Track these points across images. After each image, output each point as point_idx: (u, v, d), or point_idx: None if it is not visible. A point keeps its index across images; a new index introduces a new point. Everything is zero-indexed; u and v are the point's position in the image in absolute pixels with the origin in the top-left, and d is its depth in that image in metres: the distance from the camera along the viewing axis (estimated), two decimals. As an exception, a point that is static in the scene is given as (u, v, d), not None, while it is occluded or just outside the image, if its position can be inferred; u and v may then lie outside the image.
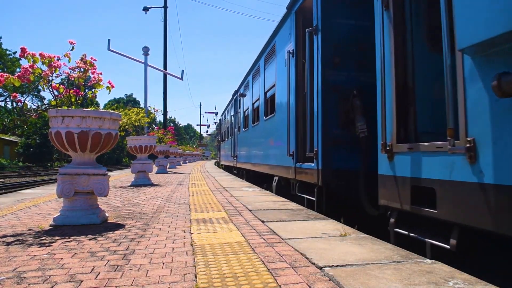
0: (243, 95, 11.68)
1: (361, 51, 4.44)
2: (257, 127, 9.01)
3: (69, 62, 3.56)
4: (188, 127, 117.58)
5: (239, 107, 12.62)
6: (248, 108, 10.69)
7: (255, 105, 9.48)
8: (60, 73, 3.54)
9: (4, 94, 45.67)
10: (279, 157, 6.36)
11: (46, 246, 2.48)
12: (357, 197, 4.16)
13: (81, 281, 1.79)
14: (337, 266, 1.99)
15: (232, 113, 14.64)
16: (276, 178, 6.79)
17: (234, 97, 14.20)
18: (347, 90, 4.35)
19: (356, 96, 4.24)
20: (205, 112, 72.89)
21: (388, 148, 3.02)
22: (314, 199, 4.63)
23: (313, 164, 4.61)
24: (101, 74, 3.71)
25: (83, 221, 3.26)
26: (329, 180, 4.40)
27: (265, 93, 7.99)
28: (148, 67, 14.32)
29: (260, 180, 9.32)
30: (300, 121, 5.39)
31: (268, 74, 7.81)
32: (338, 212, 4.08)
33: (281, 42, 6.47)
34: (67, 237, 2.75)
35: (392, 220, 3.01)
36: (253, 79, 9.89)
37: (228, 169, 18.05)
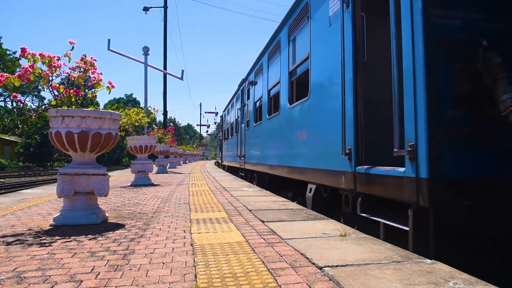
0: (254, 83, 9.79)
1: None
2: (276, 119, 7.06)
3: (69, 62, 3.57)
4: (188, 127, 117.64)
5: (248, 98, 10.69)
6: (261, 97, 8.76)
7: (272, 92, 7.61)
8: (60, 73, 3.55)
9: (4, 94, 45.69)
10: (319, 156, 4.55)
11: (46, 246, 2.48)
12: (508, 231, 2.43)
13: (81, 281, 1.79)
14: (337, 266, 1.99)
15: (238, 106, 12.32)
16: (312, 186, 4.89)
17: (241, 87, 12.08)
18: (468, 42, 2.62)
19: (490, 50, 2.54)
20: (205, 112, 73.02)
21: None
22: (406, 228, 2.66)
23: (402, 169, 2.75)
24: (101, 74, 3.72)
25: (83, 221, 3.26)
26: (444, 198, 2.50)
27: (290, 73, 6.14)
28: (148, 67, 14.32)
29: (278, 186, 7.67)
30: (360, 103, 3.57)
31: (295, 47, 5.95)
32: (468, 258, 2.41)
33: None
34: (67, 237, 2.75)
35: None
36: (269, 60, 7.92)
37: (232, 171, 15.85)
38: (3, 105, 45.36)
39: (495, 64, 2.48)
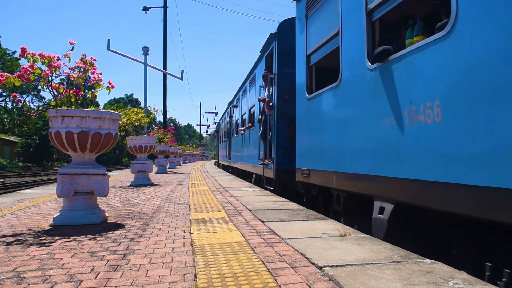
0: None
1: None
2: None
3: (69, 62, 3.56)
4: (188, 127, 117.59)
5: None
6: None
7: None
8: (60, 73, 3.54)
9: (4, 94, 45.65)
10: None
11: (46, 246, 2.47)
12: None
13: (81, 281, 1.78)
14: (337, 266, 1.99)
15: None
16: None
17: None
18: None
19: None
20: (205, 112, 72.74)
21: None
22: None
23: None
24: (101, 74, 3.71)
25: (83, 221, 3.26)
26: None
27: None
28: (148, 67, 14.30)
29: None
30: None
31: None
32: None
33: None
34: (66, 237, 2.74)
35: None
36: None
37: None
38: (3, 105, 45.30)
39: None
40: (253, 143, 9.46)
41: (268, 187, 7.51)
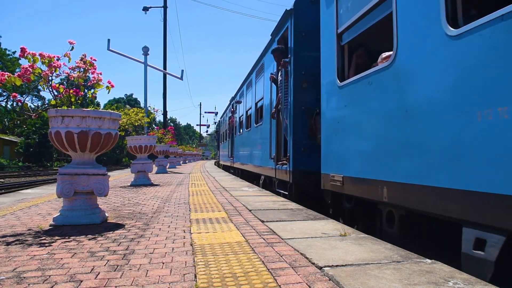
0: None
1: None
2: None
3: (69, 62, 3.56)
4: (188, 127, 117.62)
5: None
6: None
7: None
8: (60, 73, 3.54)
9: (4, 94, 45.62)
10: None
11: (46, 246, 2.47)
12: None
13: (81, 281, 1.78)
14: (337, 266, 1.99)
15: None
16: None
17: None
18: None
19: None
20: (205, 112, 72.64)
21: None
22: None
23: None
24: (100, 74, 3.71)
25: (83, 221, 3.26)
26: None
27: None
28: (148, 67, 14.30)
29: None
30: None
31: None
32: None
33: None
34: (67, 237, 2.74)
35: None
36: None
37: None
38: (4, 105, 45.26)
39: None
40: (262, 141, 8.35)
41: (281, 191, 6.38)
